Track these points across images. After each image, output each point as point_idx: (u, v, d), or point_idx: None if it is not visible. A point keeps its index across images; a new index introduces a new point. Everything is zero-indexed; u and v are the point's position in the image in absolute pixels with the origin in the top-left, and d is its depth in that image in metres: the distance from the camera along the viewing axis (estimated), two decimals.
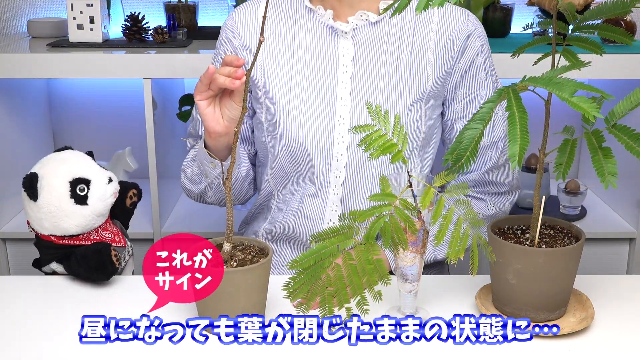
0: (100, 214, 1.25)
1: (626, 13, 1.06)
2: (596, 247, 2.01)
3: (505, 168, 1.39)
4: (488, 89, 1.36)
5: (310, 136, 1.32)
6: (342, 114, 1.31)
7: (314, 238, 0.99)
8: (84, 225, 1.24)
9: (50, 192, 1.21)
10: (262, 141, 1.40)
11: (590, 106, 0.85)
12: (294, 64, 1.34)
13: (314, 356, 1.03)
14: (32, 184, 1.22)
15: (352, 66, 1.32)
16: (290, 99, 1.33)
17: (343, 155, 1.32)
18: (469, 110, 1.36)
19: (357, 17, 1.32)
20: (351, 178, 1.33)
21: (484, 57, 1.36)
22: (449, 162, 0.99)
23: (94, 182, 1.24)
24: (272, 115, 1.35)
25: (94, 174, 1.24)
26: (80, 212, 1.23)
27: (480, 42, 1.35)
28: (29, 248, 1.97)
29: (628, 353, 1.04)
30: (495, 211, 1.40)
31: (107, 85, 2.23)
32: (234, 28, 1.39)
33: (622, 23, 1.89)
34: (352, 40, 1.32)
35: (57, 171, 1.23)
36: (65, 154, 1.28)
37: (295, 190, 1.38)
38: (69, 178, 1.22)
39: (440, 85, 1.34)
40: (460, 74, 1.35)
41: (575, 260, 1.07)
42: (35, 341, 1.07)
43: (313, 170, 1.34)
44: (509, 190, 1.41)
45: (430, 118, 1.36)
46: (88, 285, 1.23)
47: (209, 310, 1.05)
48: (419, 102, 1.33)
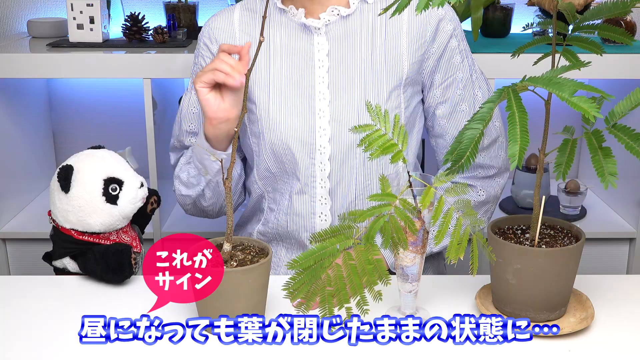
0: (126, 216, 1.27)
1: (626, 13, 1.06)
2: (596, 247, 2.01)
3: (492, 150, 1.39)
4: (465, 72, 1.38)
5: (292, 132, 1.34)
6: (321, 107, 1.33)
7: (314, 238, 0.99)
8: (109, 224, 1.26)
9: (83, 186, 1.24)
10: (247, 143, 1.41)
11: (590, 106, 0.85)
12: (270, 64, 1.36)
13: (314, 356, 1.03)
14: (67, 175, 1.24)
15: (328, 60, 1.34)
16: (270, 98, 1.35)
17: (326, 148, 1.33)
18: (448, 95, 1.38)
19: (328, 13, 1.34)
20: (336, 169, 1.35)
21: (457, 40, 1.37)
22: (448, 162, 0.99)
23: (126, 184, 1.26)
24: (254, 115, 1.36)
25: (128, 177, 1.27)
26: (109, 210, 1.24)
27: (452, 25, 1.36)
28: (29, 248, 1.98)
29: (628, 353, 1.04)
30: (486, 196, 1.41)
31: (107, 85, 2.23)
32: (210, 35, 1.40)
33: (622, 23, 1.89)
34: (326, 35, 1.34)
35: (93, 167, 1.25)
36: (102, 152, 1.30)
37: (284, 189, 1.39)
38: (103, 176, 1.25)
39: (416, 71, 1.36)
40: (435, 59, 1.36)
41: (575, 260, 1.07)
42: (35, 341, 1.07)
43: (297, 166, 1.35)
44: (498, 172, 1.42)
45: (409, 105, 1.37)
46: (88, 286, 1.23)
47: (209, 310, 1.05)
48: (397, 90, 1.35)
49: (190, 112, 1.43)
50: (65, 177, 1.24)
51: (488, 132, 1.38)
